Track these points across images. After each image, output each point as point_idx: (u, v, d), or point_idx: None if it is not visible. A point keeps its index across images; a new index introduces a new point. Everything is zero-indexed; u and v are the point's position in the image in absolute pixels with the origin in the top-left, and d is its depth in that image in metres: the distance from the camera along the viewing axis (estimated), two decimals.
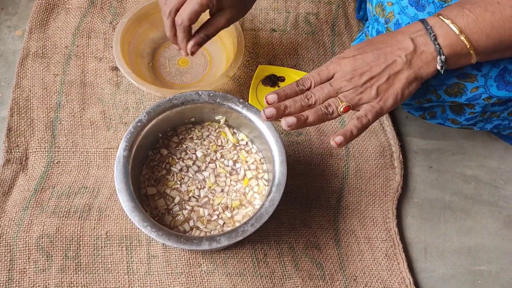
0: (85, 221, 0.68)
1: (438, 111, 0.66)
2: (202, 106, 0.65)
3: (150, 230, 0.55)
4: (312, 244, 0.70)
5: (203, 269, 0.67)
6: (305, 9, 0.89)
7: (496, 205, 0.77)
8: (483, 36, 0.49)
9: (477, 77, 0.55)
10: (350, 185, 0.75)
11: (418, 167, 0.79)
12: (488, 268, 0.72)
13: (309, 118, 0.50)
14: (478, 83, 0.55)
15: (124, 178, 0.58)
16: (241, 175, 0.67)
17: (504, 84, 0.55)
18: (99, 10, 0.86)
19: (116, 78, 0.80)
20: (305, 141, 0.78)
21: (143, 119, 0.62)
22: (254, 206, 0.65)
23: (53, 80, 0.79)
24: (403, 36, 0.51)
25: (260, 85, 0.81)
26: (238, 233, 0.56)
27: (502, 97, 0.56)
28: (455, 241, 0.74)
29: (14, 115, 0.76)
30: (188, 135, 0.69)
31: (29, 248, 0.66)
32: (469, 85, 0.56)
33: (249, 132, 0.68)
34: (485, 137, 0.82)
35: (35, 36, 0.83)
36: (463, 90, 0.56)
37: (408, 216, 0.75)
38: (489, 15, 0.48)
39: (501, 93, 0.56)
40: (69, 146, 0.74)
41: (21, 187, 0.71)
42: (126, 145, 0.60)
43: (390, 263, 0.70)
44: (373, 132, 0.79)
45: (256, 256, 0.68)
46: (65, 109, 0.77)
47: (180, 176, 0.66)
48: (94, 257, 0.66)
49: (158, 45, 0.84)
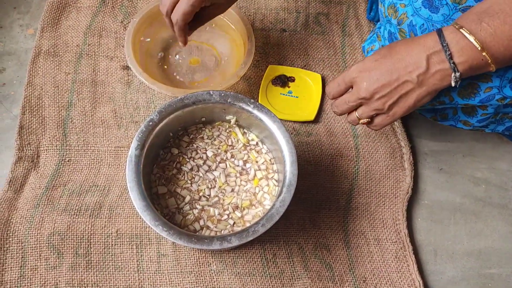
0: (95, 219, 0.69)
1: (450, 113, 0.65)
2: (213, 106, 0.65)
3: (162, 229, 0.56)
4: (321, 245, 0.70)
5: (212, 268, 0.67)
6: (316, 9, 0.89)
7: (507, 207, 0.76)
8: (501, 48, 0.48)
9: (492, 77, 0.54)
10: (360, 186, 0.75)
11: (428, 169, 0.78)
12: (498, 271, 0.72)
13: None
14: (493, 83, 0.55)
15: (136, 177, 0.58)
16: (251, 175, 0.67)
17: None
18: (110, 9, 0.87)
19: (127, 77, 0.81)
20: (315, 142, 0.78)
21: (155, 118, 0.62)
22: (264, 206, 0.65)
23: (65, 78, 0.80)
24: (418, 51, 0.52)
25: (270, 85, 0.81)
26: (249, 233, 0.56)
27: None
28: (465, 244, 0.73)
29: (26, 113, 0.76)
30: (198, 135, 0.69)
31: (40, 246, 0.66)
32: (483, 85, 0.55)
33: (260, 132, 0.68)
34: (495, 140, 0.81)
35: (47, 35, 0.83)
36: (476, 90, 0.56)
37: (418, 218, 0.75)
38: (508, 28, 0.47)
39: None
40: (80, 144, 0.75)
41: (32, 184, 0.71)
42: (138, 144, 0.60)
43: (400, 265, 0.69)
44: (383, 133, 0.79)
45: (266, 256, 0.68)
46: (77, 108, 0.78)
47: (191, 176, 0.66)
48: (104, 255, 0.67)
49: (169, 44, 0.84)
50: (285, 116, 0.78)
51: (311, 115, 0.79)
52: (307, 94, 0.81)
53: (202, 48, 0.84)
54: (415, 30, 0.58)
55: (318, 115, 0.80)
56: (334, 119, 0.80)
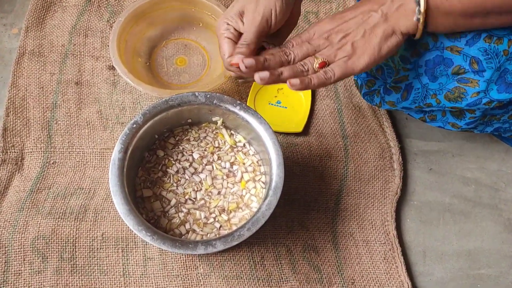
0: (81, 222, 0.68)
1: (439, 114, 0.65)
2: (199, 107, 0.64)
3: (145, 234, 0.55)
4: (310, 247, 0.69)
5: (199, 272, 0.66)
6: (305, 7, 0.88)
7: (496, 208, 0.76)
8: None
9: (478, 82, 0.54)
10: (348, 187, 0.74)
11: (417, 169, 0.78)
12: (487, 271, 0.71)
13: (284, 73, 0.51)
14: (480, 88, 0.54)
15: (119, 181, 0.57)
16: (238, 177, 0.66)
17: (505, 86, 0.54)
18: (96, 8, 0.85)
19: (113, 78, 0.80)
20: (303, 143, 0.77)
21: (139, 120, 0.61)
22: (251, 209, 0.64)
23: (50, 79, 0.79)
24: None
25: (258, 95, 0.79)
26: (234, 237, 0.56)
27: (503, 99, 0.55)
28: (454, 244, 0.73)
29: (10, 114, 0.75)
30: (185, 137, 0.68)
31: (25, 250, 0.65)
32: (469, 89, 0.55)
33: (247, 134, 0.67)
34: (485, 139, 0.81)
35: (32, 35, 0.82)
36: (463, 94, 0.55)
37: (407, 218, 0.74)
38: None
39: (501, 96, 0.55)
40: (65, 146, 0.74)
41: (16, 187, 0.70)
42: (121, 147, 0.59)
43: (389, 266, 0.69)
44: (372, 133, 0.78)
45: (253, 259, 0.68)
46: (62, 109, 0.76)
47: (177, 178, 0.65)
48: (90, 259, 0.66)
49: (155, 44, 0.83)
50: (273, 127, 0.75)
51: (299, 127, 0.77)
52: (296, 104, 0.79)
53: (190, 46, 0.83)
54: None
55: (306, 127, 0.78)
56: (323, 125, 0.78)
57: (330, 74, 0.51)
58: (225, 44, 0.56)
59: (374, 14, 0.51)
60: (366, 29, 0.51)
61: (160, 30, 0.83)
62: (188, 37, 0.83)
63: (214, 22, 0.81)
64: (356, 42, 0.51)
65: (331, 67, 0.51)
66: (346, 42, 0.51)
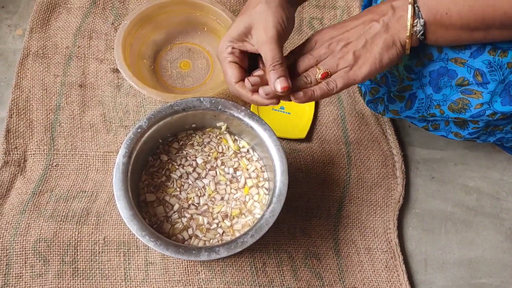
0: (83, 226, 0.68)
1: (442, 124, 0.65)
2: (204, 112, 0.64)
3: (149, 239, 0.55)
4: (311, 254, 0.69)
5: (201, 277, 0.66)
6: (309, 13, 0.88)
7: (498, 217, 0.76)
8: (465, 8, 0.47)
9: (482, 93, 0.54)
10: (351, 194, 0.74)
11: (420, 177, 0.78)
12: (488, 281, 0.71)
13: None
14: (483, 99, 0.54)
15: (123, 185, 0.57)
16: (241, 183, 0.66)
17: (509, 98, 0.54)
18: (101, 10, 0.85)
19: (117, 81, 0.80)
20: (306, 149, 0.77)
21: (144, 125, 0.61)
22: (254, 215, 0.64)
23: (53, 81, 0.78)
24: (385, 4, 0.51)
25: None
26: (238, 244, 0.55)
27: (507, 112, 0.55)
28: (456, 253, 0.73)
29: (13, 116, 0.75)
30: (188, 141, 0.68)
31: (26, 253, 0.65)
32: (473, 101, 0.55)
33: (250, 140, 0.67)
34: (488, 148, 0.81)
35: (36, 36, 0.82)
36: (467, 106, 0.56)
37: (409, 227, 0.74)
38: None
39: (505, 109, 0.55)
40: (68, 149, 0.74)
41: (18, 190, 0.70)
42: (126, 151, 0.59)
43: (390, 274, 0.69)
44: (375, 141, 0.78)
45: (255, 265, 0.68)
46: (65, 111, 0.76)
47: (180, 183, 0.65)
48: (91, 262, 0.66)
49: (160, 47, 0.83)
50: (276, 133, 0.75)
51: (302, 133, 0.77)
52: (299, 110, 0.79)
53: (194, 50, 0.83)
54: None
55: (309, 134, 0.78)
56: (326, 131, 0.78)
57: (332, 85, 0.51)
58: (230, 69, 0.54)
59: (375, 24, 0.51)
60: (367, 38, 0.51)
61: (165, 33, 0.83)
62: (192, 41, 0.83)
63: (219, 27, 0.82)
64: (358, 51, 0.51)
65: (333, 78, 0.51)
66: (348, 51, 0.51)
